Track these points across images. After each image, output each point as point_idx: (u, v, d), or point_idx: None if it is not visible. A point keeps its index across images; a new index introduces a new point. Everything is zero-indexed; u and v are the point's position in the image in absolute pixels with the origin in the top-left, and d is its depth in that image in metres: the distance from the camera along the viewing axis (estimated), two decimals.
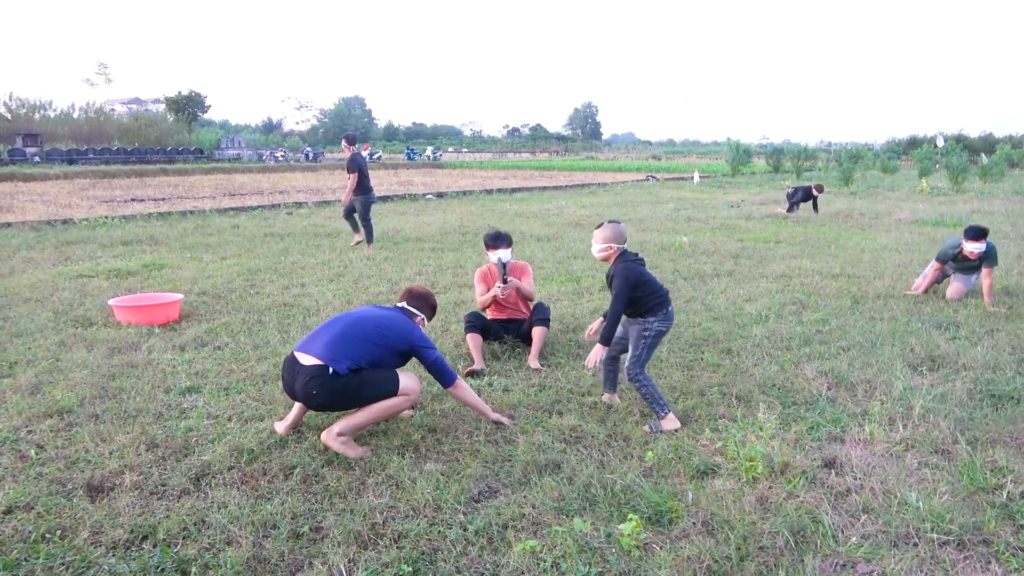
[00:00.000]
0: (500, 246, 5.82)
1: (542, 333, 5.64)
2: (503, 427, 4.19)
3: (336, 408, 3.95)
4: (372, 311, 4.15)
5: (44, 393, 4.74)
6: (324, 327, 4.00)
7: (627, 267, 4.30)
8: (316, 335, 3.97)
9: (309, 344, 3.93)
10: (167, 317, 6.72)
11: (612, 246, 4.39)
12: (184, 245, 11.58)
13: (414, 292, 4.41)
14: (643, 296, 4.29)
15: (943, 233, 13.20)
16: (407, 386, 3.95)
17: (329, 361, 3.77)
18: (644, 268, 4.39)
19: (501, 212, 17.30)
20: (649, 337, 4.33)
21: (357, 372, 3.83)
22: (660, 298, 4.34)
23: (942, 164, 36.11)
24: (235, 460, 3.74)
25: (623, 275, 4.25)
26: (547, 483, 3.47)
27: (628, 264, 4.33)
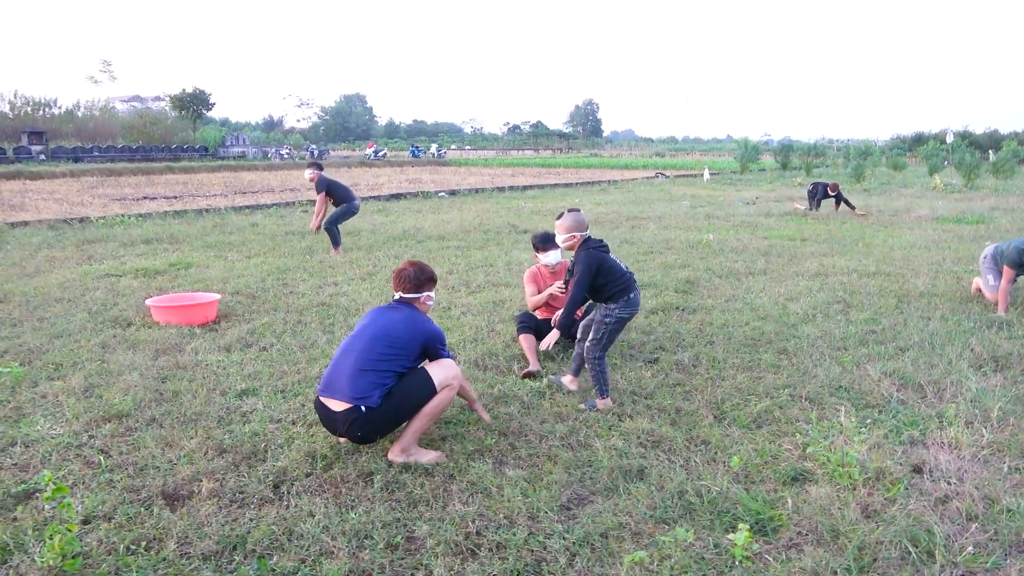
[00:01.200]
0: (550, 248, 5.71)
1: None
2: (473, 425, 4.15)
3: (386, 433, 3.80)
4: (378, 321, 3.87)
5: (97, 396, 4.64)
6: (338, 361, 3.76)
7: (589, 254, 4.36)
8: (335, 374, 3.73)
9: (331, 387, 3.70)
10: (206, 317, 6.61)
11: (575, 235, 4.46)
12: (206, 244, 11.46)
13: (404, 275, 3.94)
14: (606, 283, 4.36)
15: (967, 231, 13.10)
16: (444, 377, 3.76)
17: (358, 400, 3.60)
18: (607, 255, 4.46)
19: (517, 210, 17.18)
20: (610, 323, 4.43)
21: (389, 394, 3.67)
22: (623, 284, 4.40)
23: (951, 161, 36.05)
24: (311, 466, 3.63)
25: (584, 262, 4.33)
26: (638, 490, 3.37)
27: (590, 251, 4.39)
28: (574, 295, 4.36)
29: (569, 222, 4.48)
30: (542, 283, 5.86)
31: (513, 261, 9.71)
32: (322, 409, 3.73)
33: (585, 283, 4.34)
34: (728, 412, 4.39)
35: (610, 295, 4.40)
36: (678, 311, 7.00)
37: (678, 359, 5.46)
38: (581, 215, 4.52)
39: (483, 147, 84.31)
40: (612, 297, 4.40)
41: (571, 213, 4.52)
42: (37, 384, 4.88)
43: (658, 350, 5.74)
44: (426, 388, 3.74)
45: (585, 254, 4.39)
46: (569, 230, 4.48)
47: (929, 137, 53.12)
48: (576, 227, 4.47)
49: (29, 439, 3.97)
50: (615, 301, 4.40)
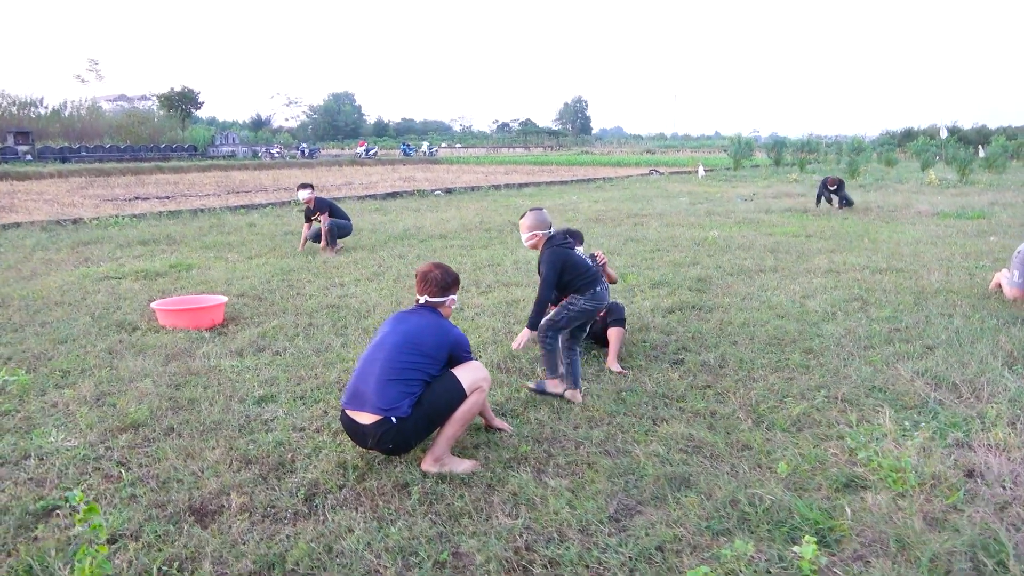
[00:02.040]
0: (575, 245, 5.57)
1: (619, 334, 5.40)
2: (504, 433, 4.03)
3: (418, 443, 3.66)
4: (400, 328, 3.71)
5: (110, 404, 4.46)
6: (363, 373, 3.59)
7: (553, 252, 4.39)
8: (360, 386, 3.57)
9: (357, 400, 3.55)
10: (213, 320, 6.44)
11: (538, 233, 4.47)
12: (204, 245, 11.25)
13: (431, 278, 3.79)
14: (572, 279, 4.41)
15: (970, 226, 13.06)
16: (473, 380, 3.62)
17: (388, 412, 3.45)
18: (571, 251, 4.48)
19: (517, 208, 17.02)
20: (572, 311, 4.46)
21: (419, 403, 3.54)
22: (589, 278, 4.44)
23: (942, 156, 36.20)
24: (343, 477, 3.48)
25: (549, 260, 4.36)
26: (688, 499, 3.24)
27: (554, 249, 4.41)
28: (542, 294, 4.37)
29: (531, 221, 4.49)
30: None
31: (520, 260, 9.56)
32: (349, 423, 3.58)
33: (552, 281, 4.37)
34: (765, 415, 4.27)
35: (576, 288, 4.46)
36: (695, 310, 6.88)
37: (703, 360, 5.34)
38: (543, 213, 4.52)
39: (473, 145, 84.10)
40: (578, 290, 4.46)
41: (533, 212, 4.52)
42: (45, 392, 4.70)
43: (682, 351, 5.62)
44: (456, 393, 3.60)
45: (550, 252, 4.41)
46: (531, 228, 4.49)
47: (918, 133, 53.36)
48: (538, 225, 4.48)
49: (43, 451, 3.79)
50: (581, 293, 4.46)
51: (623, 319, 5.49)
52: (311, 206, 10.55)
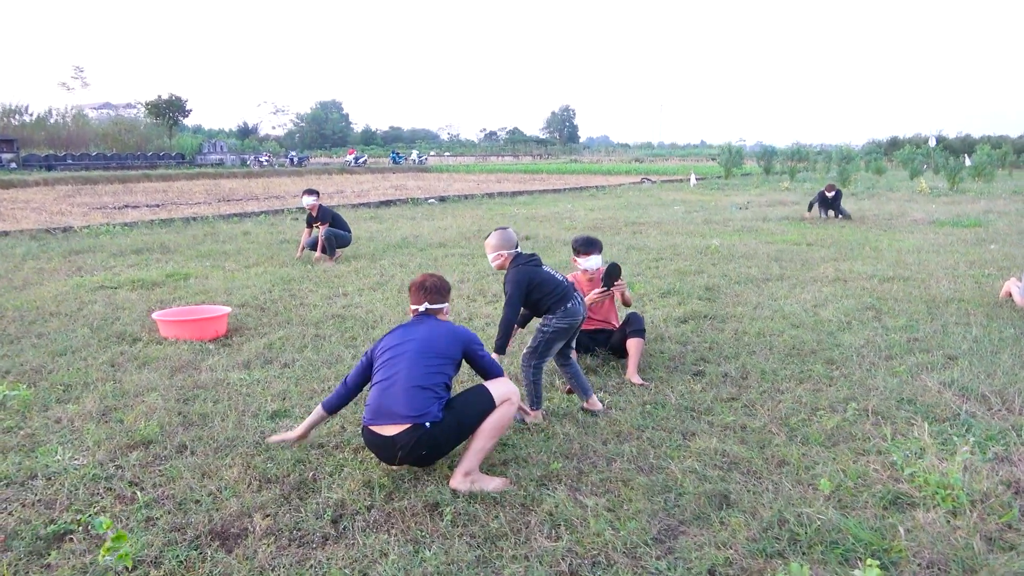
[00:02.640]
0: (592, 252, 5.44)
1: (639, 345, 5.27)
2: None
3: (449, 450, 3.55)
4: (412, 336, 3.64)
5: (116, 420, 4.28)
6: (384, 387, 3.48)
7: (518, 271, 4.29)
8: (383, 401, 3.45)
9: (382, 414, 3.43)
10: (216, 332, 6.26)
11: (503, 253, 4.40)
12: (199, 253, 11.05)
13: (429, 285, 3.79)
14: (540, 298, 4.31)
15: (968, 234, 13.08)
16: (503, 392, 3.54)
17: (421, 417, 3.36)
18: (539, 269, 4.38)
19: (512, 216, 16.93)
20: (548, 332, 4.34)
21: (449, 406, 3.47)
22: (559, 296, 4.33)
23: (929, 165, 36.49)
24: (370, 497, 3.32)
25: (514, 280, 4.27)
26: (734, 519, 3.11)
27: (519, 268, 4.32)
28: (507, 315, 4.25)
29: (496, 240, 4.42)
30: (581, 291, 5.58)
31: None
32: (374, 438, 3.44)
33: (516, 301, 4.27)
34: (797, 428, 4.16)
35: (547, 307, 4.34)
36: (708, 320, 6.77)
37: (724, 371, 5.22)
38: (510, 232, 4.46)
39: (461, 153, 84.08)
40: (549, 309, 4.34)
41: (497, 232, 4.46)
42: (48, 408, 4.51)
43: (700, 361, 5.50)
44: (486, 401, 3.52)
45: (515, 271, 4.32)
46: (496, 248, 4.42)
47: (904, 142, 53.81)
48: (504, 245, 4.40)
49: (50, 471, 3.61)
50: (552, 312, 4.34)
51: (642, 330, 5.36)
52: (314, 213, 10.38)
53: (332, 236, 10.34)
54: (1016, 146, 50.77)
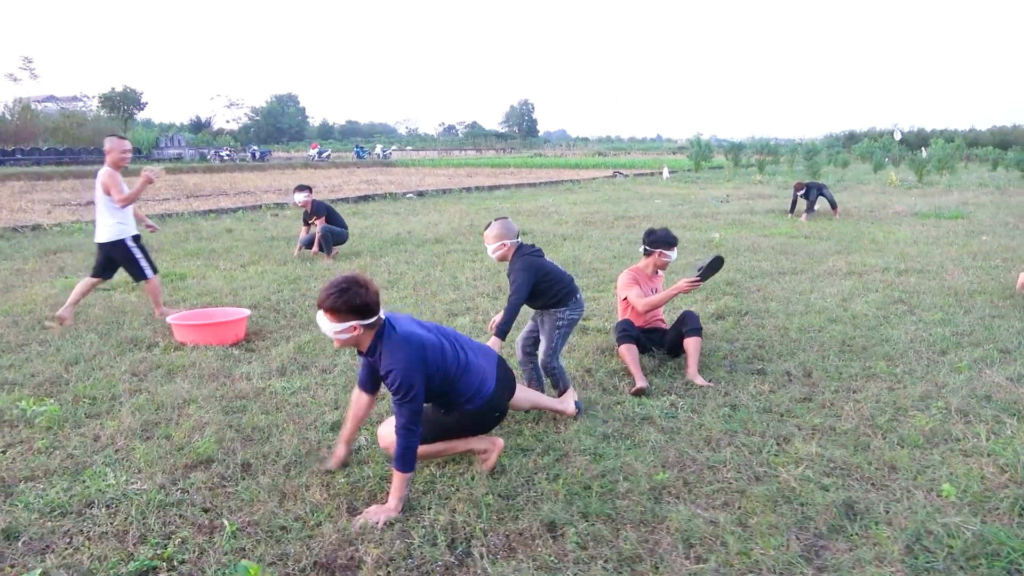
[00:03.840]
0: (676, 246, 5.32)
1: (696, 344, 5.06)
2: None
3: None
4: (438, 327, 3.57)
5: (162, 437, 3.92)
6: (475, 359, 3.47)
7: (527, 260, 4.28)
8: (468, 349, 3.48)
9: (481, 359, 3.50)
10: (236, 336, 5.88)
11: (506, 243, 4.34)
12: (187, 252, 10.53)
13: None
14: (548, 288, 4.27)
15: (956, 226, 13.22)
16: None
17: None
18: (544, 259, 4.38)
19: (498, 211, 16.64)
20: (563, 327, 4.34)
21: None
22: (567, 287, 4.33)
23: (891, 158, 37.28)
24: (478, 518, 3.05)
25: (524, 268, 4.23)
26: (876, 532, 2.92)
27: (527, 258, 4.31)
28: (513, 302, 4.19)
29: (498, 230, 4.35)
30: (642, 285, 5.36)
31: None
32: (505, 381, 3.59)
33: (525, 291, 4.20)
34: (890, 430, 4.00)
35: (558, 299, 4.31)
36: (743, 316, 6.62)
37: (785, 369, 5.06)
38: (510, 222, 4.39)
39: (423, 148, 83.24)
40: (560, 301, 4.31)
41: (499, 221, 4.39)
42: (80, 424, 4.12)
43: (755, 360, 5.33)
44: None
45: (522, 261, 4.28)
46: (499, 238, 4.34)
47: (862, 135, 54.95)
48: (506, 235, 4.34)
49: (107, 497, 3.25)
50: (564, 304, 4.32)
51: (699, 328, 5.15)
52: (308, 209, 9.98)
53: (328, 233, 9.96)
54: (967, 139, 52.29)
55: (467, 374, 3.38)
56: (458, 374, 3.34)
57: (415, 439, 3.09)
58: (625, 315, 5.36)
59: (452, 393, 3.33)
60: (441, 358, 3.28)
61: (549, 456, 3.67)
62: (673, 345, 5.28)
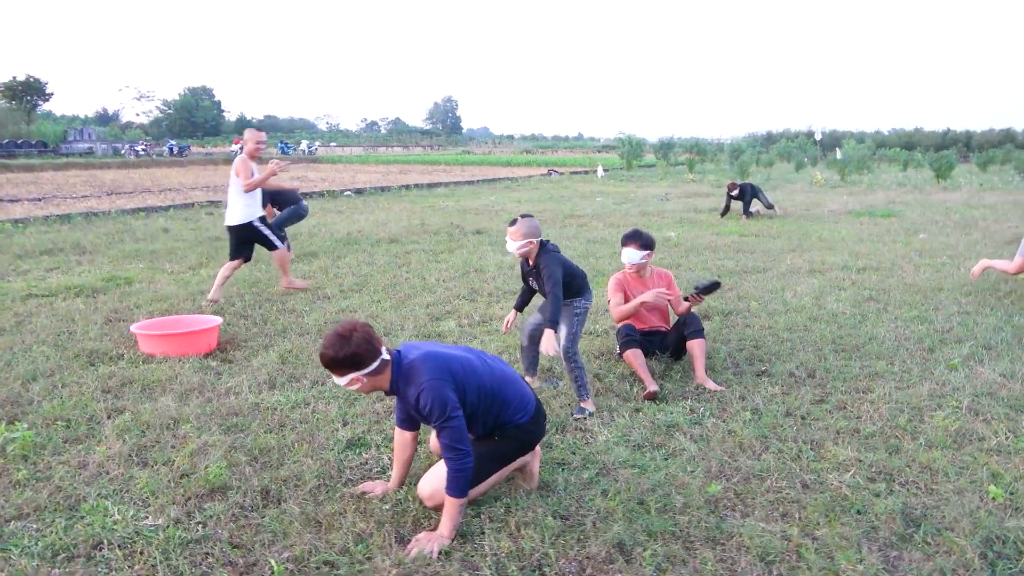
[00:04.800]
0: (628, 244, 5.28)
1: (702, 346, 5.00)
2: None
3: None
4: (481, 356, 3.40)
5: (162, 463, 3.55)
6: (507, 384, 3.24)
7: (555, 256, 4.44)
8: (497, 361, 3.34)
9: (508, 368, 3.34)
10: (208, 345, 5.47)
11: (532, 241, 4.44)
12: (124, 254, 9.85)
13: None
14: (571, 280, 4.47)
15: (892, 224, 13.72)
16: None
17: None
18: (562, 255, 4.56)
19: (444, 209, 16.37)
20: (580, 315, 4.54)
21: None
22: (583, 279, 4.58)
23: (808, 159, 38.77)
24: (540, 541, 2.84)
25: (559, 263, 4.41)
26: (944, 540, 2.88)
27: (553, 254, 4.46)
28: (558, 295, 4.32)
29: (525, 228, 4.42)
30: (629, 290, 5.28)
31: (504, 264, 9.01)
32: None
33: (562, 280, 4.36)
34: (913, 431, 4.01)
35: (577, 290, 4.52)
36: (727, 315, 6.62)
37: (788, 370, 5.05)
38: (535, 221, 4.49)
39: (346, 144, 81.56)
40: (578, 291, 4.52)
41: (525, 219, 4.46)
42: (59, 451, 3.69)
43: (754, 361, 5.31)
44: None
45: (552, 256, 4.43)
46: (525, 236, 4.42)
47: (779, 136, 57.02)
48: (532, 233, 4.43)
49: (118, 536, 2.89)
50: (581, 294, 4.54)
51: (702, 329, 5.10)
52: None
53: (286, 221, 9.57)
54: (876, 141, 54.97)
55: (508, 384, 3.18)
56: (496, 385, 3.14)
57: (466, 460, 2.87)
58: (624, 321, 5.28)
59: (501, 409, 3.11)
60: (471, 370, 3.07)
61: (589, 470, 3.50)
62: (675, 347, 5.20)
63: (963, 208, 16.62)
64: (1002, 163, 38.67)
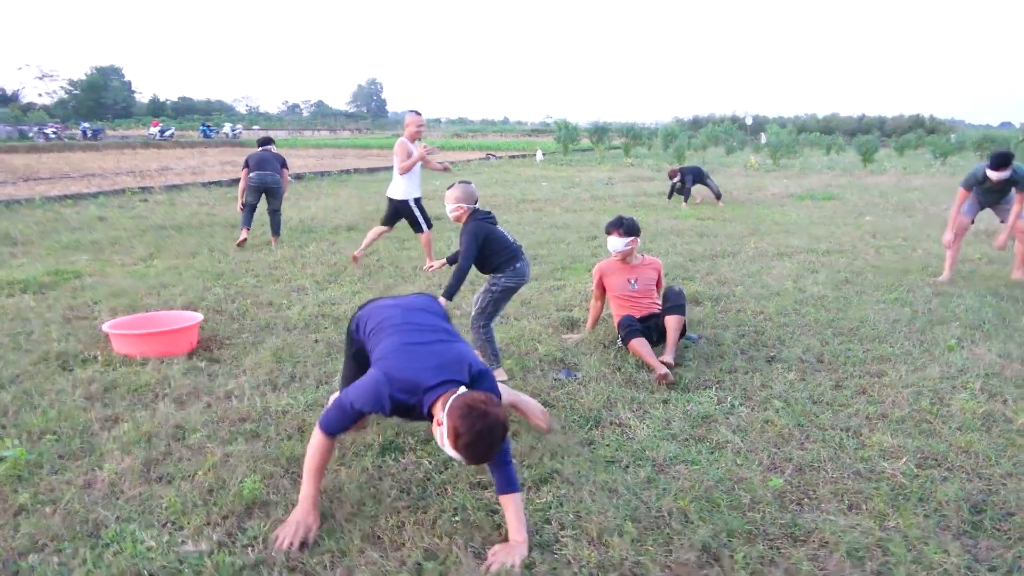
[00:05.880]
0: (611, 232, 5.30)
1: (677, 323, 4.94)
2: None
3: None
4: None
5: (180, 477, 3.23)
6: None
7: (476, 225, 4.45)
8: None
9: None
10: (190, 344, 5.09)
11: (463, 206, 4.51)
12: (64, 245, 9.15)
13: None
14: (491, 254, 4.45)
15: (836, 207, 14.13)
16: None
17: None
18: (494, 227, 4.54)
19: None
20: (495, 292, 4.51)
21: None
22: (509, 255, 4.49)
23: (737, 143, 39.72)
24: (632, 550, 2.70)
25: (471, 232, 4.40)
26: (1011, 527, 2.88)
27: (477, 222, 4.47)
28: (462, 264, 4.38)
29: (457, 193, 4.52)
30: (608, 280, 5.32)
31: None
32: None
33: (472, 254, 4.38)
34: (940, 415, 4.04)
35: (495, 266, 4.48)
36: (715, 301, 6.60)
37: (796, 355, 5.05)
38: (471, 187, 4.57)
39: (270, 127, 78.88)
40: (498, 268, 4.48)
41: (460, 184, 4.56)
42: (59, 469, 3.32)
43: (759, 347, 5.29)
44: None
45: (473, 225, 4.44)
46: (457, 200, 4.51)
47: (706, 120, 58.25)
48: (464, 198, 4.51)
49: (158, 567, 2.58)
50: (501, 271, 4.48)
51: (682, 305, 5.05)
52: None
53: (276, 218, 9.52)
54: (797, 125, 56.85)
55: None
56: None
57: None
58: (620, 311, 5.21)
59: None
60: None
61: (643, 467, 3.37)
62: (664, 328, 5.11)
63: (897, 191, 17.28)
64: (915, 147, 40.61)
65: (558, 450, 3.52)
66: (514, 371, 4.67)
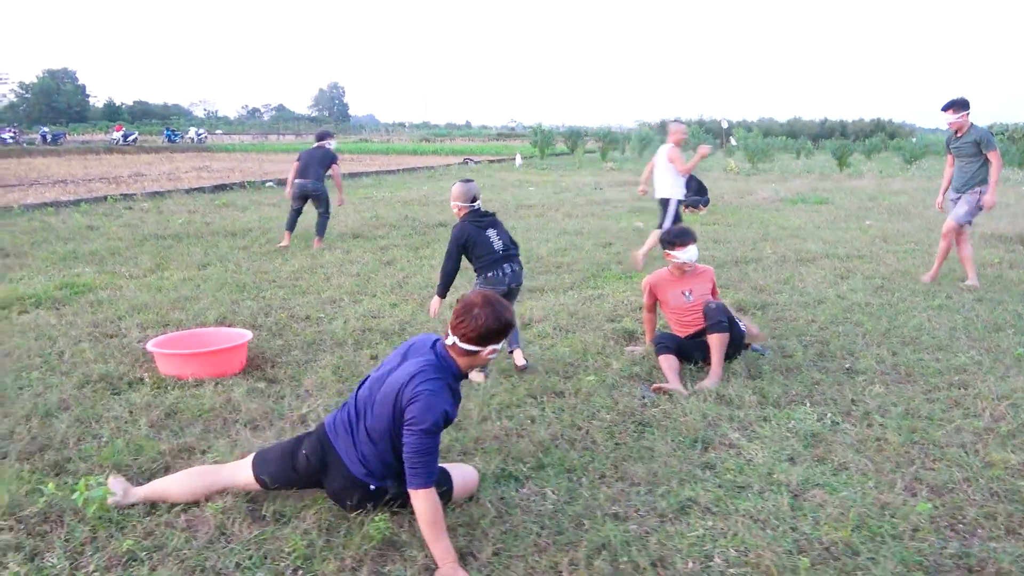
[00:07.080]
0: (688, 243, 4.99)
1: (721, 341, 4.66)
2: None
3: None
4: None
5: (295, 514, 2.95)
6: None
7: (461, 227, 4.58)
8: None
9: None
10: (240, 363, 4.79)
11: (458, 204, 4.67)
12: (58, 256, 8.68)
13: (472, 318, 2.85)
14: (472, 257, 4.59)
15: (834, 212, 14.16)
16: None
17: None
18: (481, 230, 4.60)
19: (383, 200, 15.66)
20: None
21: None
22: (491, 259, 4.55)
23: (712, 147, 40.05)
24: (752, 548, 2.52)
25: (453, 234, 4.59)
26: None
27: (464, 224, 4.59)
28: (446, 266, 4.59)
29: (457, 191, 4.67)
30: (660, 292, 5.08)
31: None
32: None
33: (453, 254, 4.56)
34: None
35: (476, 268, 4.62)
36: (760, 309, 6.48)
37: (871, 366, 4.93)
38: (472, 186, 4.68)
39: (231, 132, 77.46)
40: (479, 270, 4.61)
41: (460, 183, 4.67)
42: (151, 512, 3.01)
43: (829, 357, 5.16)
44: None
45: (459, 226, 4.58)
46: (455, 198, 4.68)
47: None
48: (461, 197, 4.65)
49: None
50: (480, 274, 4.60)
51: (723, 322, 4.70)
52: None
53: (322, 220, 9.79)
54: (762, 128, 57.64)
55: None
56: None
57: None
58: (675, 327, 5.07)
59: None
60: None
61: (780, 493, 3.19)
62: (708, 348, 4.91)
63: (886, 195, 17.47)
64: (880, 151, 41.41)
65: (685, 477, 3.32)
66: (597, 388, 4.46)
